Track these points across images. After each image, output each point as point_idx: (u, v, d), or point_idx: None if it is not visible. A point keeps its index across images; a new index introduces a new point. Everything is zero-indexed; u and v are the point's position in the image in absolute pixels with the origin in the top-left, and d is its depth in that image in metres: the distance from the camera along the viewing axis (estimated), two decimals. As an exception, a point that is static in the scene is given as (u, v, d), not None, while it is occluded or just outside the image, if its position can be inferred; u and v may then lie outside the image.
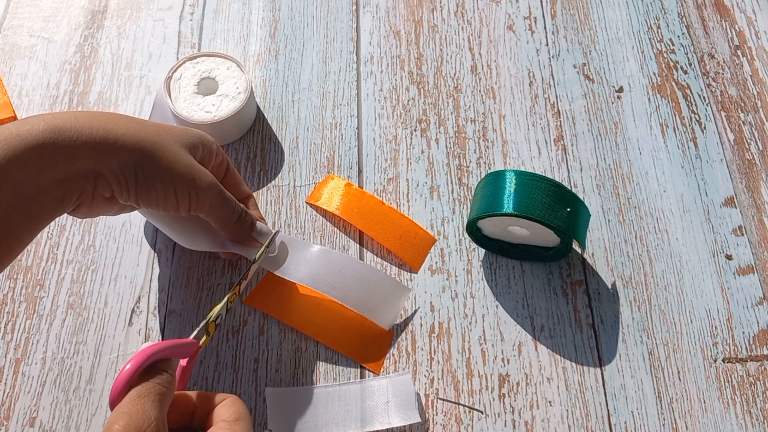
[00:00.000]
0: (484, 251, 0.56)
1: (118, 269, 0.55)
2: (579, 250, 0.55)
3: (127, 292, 0.54)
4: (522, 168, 0.59)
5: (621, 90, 0.63)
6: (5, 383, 0.50)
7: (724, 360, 0.51)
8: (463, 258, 0.56)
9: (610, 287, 0.54)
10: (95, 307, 0.53)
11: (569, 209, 0.49)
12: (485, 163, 0.60)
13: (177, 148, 0.44)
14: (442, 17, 0.67)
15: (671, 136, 0.61)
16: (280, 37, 0.66)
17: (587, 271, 0.55)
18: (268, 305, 0.53)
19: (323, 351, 0.52)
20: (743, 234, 0.56)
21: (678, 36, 0.66)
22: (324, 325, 0.52)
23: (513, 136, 0.61)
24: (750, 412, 0.50)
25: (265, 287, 0.54)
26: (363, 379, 0.50)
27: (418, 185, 0.59)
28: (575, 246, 0.55)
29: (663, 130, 0.61)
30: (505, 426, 0.49)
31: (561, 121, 0.62)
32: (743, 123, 0.61)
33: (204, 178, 0.45)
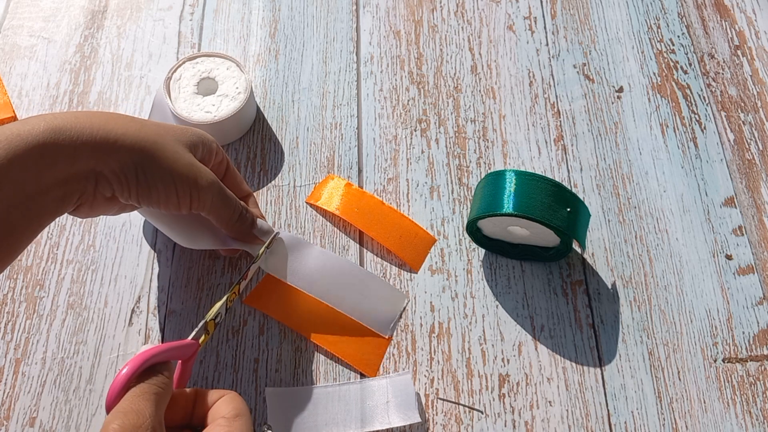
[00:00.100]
0: (484, 251, 0.56)
1: (118, 269, 0.55)
2: (579, 250, 0.55)
3: (127, 292, 0.54)
4: (522, 168, 0.59)
5: (621, 90, 0.63)
6: (5, 383, 0.50)
7: (724, 360, 0.51)
8: (463, 258, 0.56)
9: (610, 287, 0.54)
10: (95, 307, 0.53)
11: (569, 209, 0.49)
12: (485, 163, 0.60)
13: (177, 147, 0.44)
14: (442, 17, 0.67)
15: (671, 136, 0.61)
16: (280, 37, 0.66)
17: (587, 271, 0.55)
18: (268, 306, 0.53)
19: (323, 351, 0.52)
20: (743, 234, 0.56)
21: (678, 36, 0.66)
22: (322, 328, 0.52)
23: (513, 136, 0.61)
24: (750, 412, 0.50)
25: (266, 288, 0.54)
26: (363, 379, 0.50)
27: (418, 185, 0.59)
28: (575, 246, 0.55)
29: (663, 130, 0.61)
30: (505, 426, 0.49)
31: (561, 121, 0.62)
32: (743, 123, 0.61)
33: (205, 176, 0.45)
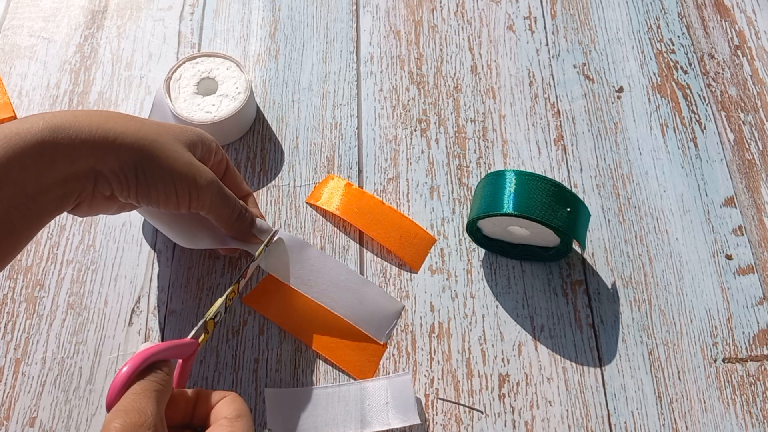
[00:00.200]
0: (484, 251, 0.56)
1: (118, 269, 0.55)
2: (579, 250, 0.55)
3: (127, 292, 0.54)
4: (522, 168, 0.59)
5: (621, 90, 0.63)
6: (5, 383, 0.50)
7: (724, 360, 0.51)
8: (463, 258, 0.56)
9: (610, 287, 0.54)
10: (95, 307, 0.53)
11: (569, 209, 0.49)
12: (485, 163, 0.60)
13: (177, 146, 0.44)
14: (442, 17, 0.67)
15: (671, 136, 0.61)
16: (280, 37, 0.66)
17: (587, 271, 0.55)
18: (267, 308, 0.53)
19: (323, 351, 0.52)
20: (743, 234, 0.56)
21: (678, 36, 0.66)
22: (319, 332, 0.52)
23: (513, 136, 0.61)
24: (750, 412, 0.50)
25: (264, 290, 0.54)
26: (362, 380, 0.50)
27: (418, 185, 0.59)
28: (575, 246, 0.55)
29: (663, 130, 0.61)
30: (505, 426, 0.49)
31: (561, 121, 0.62)
32: (743, 123, 0.61)
33: (204, 175, 0.45)
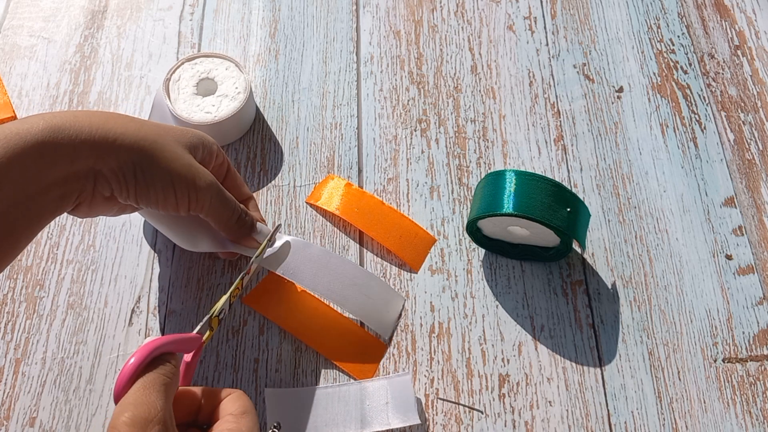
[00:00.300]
0: (484, 251, 0.56)
1: (118, 269, 0.55)
2: (579, 250, 0.55)
3: (127, 292, 0.54)
4: (522, 168, 0.59)
5: (621, 90, 0.63)
6: (5, 383, 0.50)
7: (724, 360, 0.51)
8: (463, 258, 0.56)
9: (610, 287, 0.54)
10: (95, 307, 0.53)
11: (569, 209, 0.49)
12: (485, 163, 0.60)
13: (176, 147, 0.44)
14: (442, 17, 0.67)
15: (671, 136, 0.61)
16: (280, 37, 0.66)
17: (587, 271, 0.55)
18: (267, 308, 0.53)
19: (323, 351, 0.52)
20: (743, 234, 0.56)
21: (678, 36, 0.66)
22: (319, 333, 0.52)
23: (513, 136, 0.61)
24: (750, 412, 0.50)
25: (265, 290, 0.54)
26: (362, 380, 0.50)
27: (418, 185, 0.59)
28: (575, 246, 0.55)
29: (663, 130, 0.61)
30: (505, 426, 0.49)
31: (561, 121, 0.62)
32: (743, 123, 0.61)
33: (203, 177, 0.45)
